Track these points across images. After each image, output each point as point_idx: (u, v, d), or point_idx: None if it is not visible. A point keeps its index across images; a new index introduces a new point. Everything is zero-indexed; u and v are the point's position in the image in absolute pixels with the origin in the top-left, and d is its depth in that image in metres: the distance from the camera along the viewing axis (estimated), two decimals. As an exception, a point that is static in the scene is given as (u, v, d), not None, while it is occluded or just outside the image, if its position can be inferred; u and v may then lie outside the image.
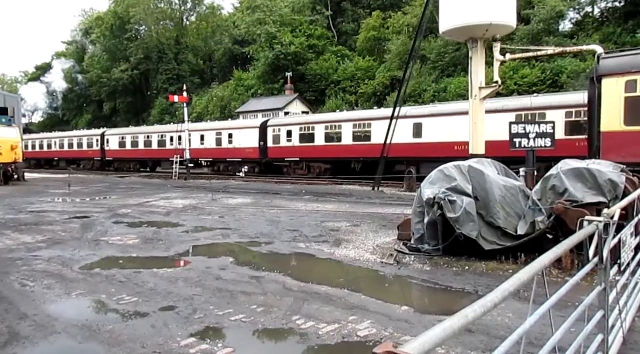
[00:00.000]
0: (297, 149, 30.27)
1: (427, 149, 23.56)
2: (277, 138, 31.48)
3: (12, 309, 5.92)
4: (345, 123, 28.07)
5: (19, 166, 28.34)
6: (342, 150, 27.89)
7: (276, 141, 31.51)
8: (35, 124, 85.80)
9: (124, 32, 62.02)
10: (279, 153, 31.19)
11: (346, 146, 27.78)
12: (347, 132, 27.87)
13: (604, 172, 7.35)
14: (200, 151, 35.58)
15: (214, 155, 35.14)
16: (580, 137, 18.06)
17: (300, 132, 30.32)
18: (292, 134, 30.70)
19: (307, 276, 7.40)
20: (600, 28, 32.20)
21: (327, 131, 28.89)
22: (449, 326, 1.57)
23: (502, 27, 13.42)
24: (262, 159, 32.55)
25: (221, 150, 34.62)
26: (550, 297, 2.54)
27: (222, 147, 34.65)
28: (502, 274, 7.28)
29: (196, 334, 5.05)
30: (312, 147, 29.36)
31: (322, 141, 29.00)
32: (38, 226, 12.44)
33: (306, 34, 48.23)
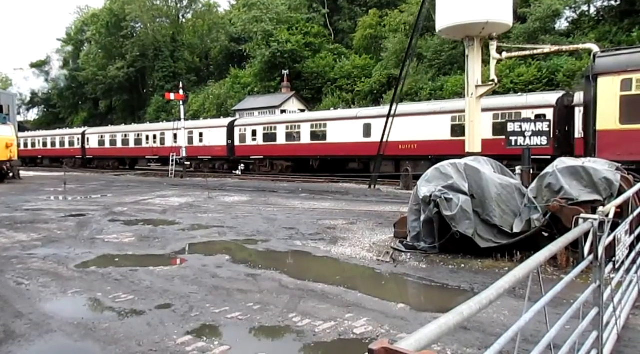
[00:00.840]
0: (261, 148, 31.76)
1: (376, 147, 23.96)
2: (243, 137, 32.93)
3: (8, 307, 5.90)
4: (303, 123, 29.66)
5: (14, 163, 28.17)
6: (301, 148, 29.41)
7: (242, 139, 32.93)
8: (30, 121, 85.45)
9: (119, 30, 61.76)
10: (245, 151, 32.62)
11: (304, 145, 29.30)
12: (305, 132, 29.43)
13: (599, 171, 7.37)
14: (174, 149, 36.74)
15: (187, 153, 35.79)
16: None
17: (264, 131, 31.81)
18: (256, 133, 32.11)
19: (304, 273, 7.40)
20: (596, 27, 32.29)
21: (288, 130, 30.40)
22: (445, 323, 1.58)
23: (499, 26, 13.45)
24: (229, 157, 33.93)
25: (193, 148, 35.59)
26: (545, 294, 2.55)
27: (193, 145, 35.72)
28: (498, 271, 7.31)
29: (192, 332, 5.05)
30: (274, 146, 30.83)
31: (283, 140, 30.50)
32: (33, 224, 12.40)
33: (303, 31, 48.15)
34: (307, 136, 29.32)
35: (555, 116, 19.94)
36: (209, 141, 34.94)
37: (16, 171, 28.78)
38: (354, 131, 26.37)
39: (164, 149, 37.46)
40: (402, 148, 24.36)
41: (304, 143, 29.32)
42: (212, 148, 34.65)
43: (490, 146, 19.39)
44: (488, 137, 20.53)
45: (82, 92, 69.60)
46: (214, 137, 34.67)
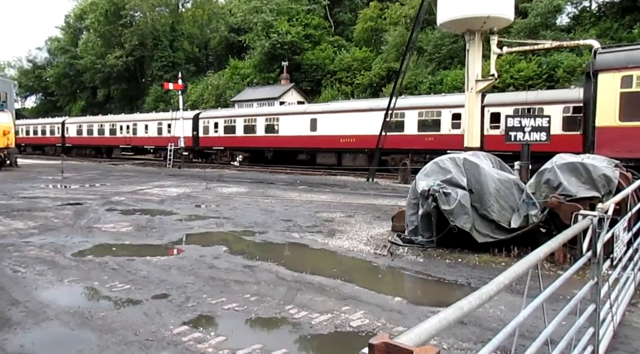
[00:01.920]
0: (222, 139, 33.66)
1: (320, 140, 27.52)
2: (206, 129, 34.82)
3: (4, 295, 5.89)
4: (259, 117, 31.73)
5: (11, 151, 28.08)
6: (257, 141, 31.53)
7: (206, 131, 34.81)
8: (28, 109, 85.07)
9: (118, 18, 61.26)
10: (208, 142, 34.49)
11: (260, 137, 31.39)
12: (260, 126, 31.52)
13: (598, 167, 7.37)
14: (145, 139, 39.15)
15: (157, 143, 37.88)
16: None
17: (224, 124, 33.68)
18: (218, 125, 34.09)
19: (301, 265, 7.40)
20: (597, 23, 32.20)
21: (246, 123, 32.39)
22: (444, 317, 1.57)
23: (500, 20, 13.40)
24: (195, 147, 35.69)
25: (162, 138, 37.27)
26: (544, 290, 2.54)
27: (162, 136, 37.48)
28: (495, 266, 7.33)
29: (189, 322, 5.05)
30: (233, 138, 32.79)
31: (241, 132, 32.50)
32: (30, 212, 12.37)
33: (303, 23, 47.91)
34: (262, 129, 31.34)
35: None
36: (177, 132, 35.81)
37: (13, 158, 28.67)
38: (302, 125, 28.65)
39: (136, 139, 39.80)
40: (343, 142, 26.69)
41: (260, 136, 31.33)
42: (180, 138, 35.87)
43: (414, 141, 23.77)
44: (414, 132, 24.00)
45: (80, 80, 69.16)
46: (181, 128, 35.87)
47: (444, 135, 22.98)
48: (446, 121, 23.19)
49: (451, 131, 22.75)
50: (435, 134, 23.45)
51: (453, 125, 22.84)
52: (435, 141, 23.18)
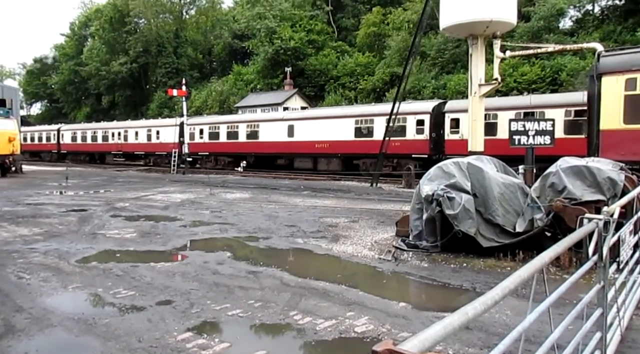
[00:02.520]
0: (207, 145, 35.14)
1: (297, 146, 29.09)
2: (192, 135, 36.11)
3: (8, 301, 5.89)
4: (241, 124, 33.26)
5: (16, 158, 28.19)
6: (239, 146, 33.00)
7: (192, 137, 36.04)
8: (33, 116, 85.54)
9: (123, 25, 61.67)
10: (194, 148, 35.28)
11: (242, 143, 32.89)
12: (242, 132, 33.00)
13: (603, 170, 7.33)
14: (135, 145, 40.92)
15: (146, 149, 39.97)
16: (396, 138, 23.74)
17: (209, 130, 35.23)
18: (203, 132, 35.57)
19: (305, 271, 7.38)
20: (601, 26, 32.14)
21: (229, 130, 33.92)
22: (449, 323, 1.55)
23: (503, 24, 13.40)
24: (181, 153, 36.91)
25: (151, 144, 39.43)
26: (550, 295, 2.52)
27: (152, 142, 39.45)
28: (500, 271, 7.28)
29: (193, 328, 5.04)
30: (217, 144, 34.26)
31: (225, 138, 34.02)
32: (35, 218, 12.40)
33: (306, 29, 48.04)
34: (244, 136, 32.84)
35: (431, 121, 23.80)
36: (164, 138, 37.94)
37: (19, 165, 28.79)
38: (280, 131, 30.22)
39: (127, 145, 41.59)
40: (317, 147, 28.10)
41: (242, 142, 32.82)
42: (167, 145, 37.27)
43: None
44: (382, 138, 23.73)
45: (85, 87, 69.57)
46: (169, 135, 37.45)
47: (409, 140, 24.48)
48: (411, 127, 24.51)
49: (415, 136, 24.32)
50: (401, 140, 24.42)
51: (417, 130, 24.31)
52: (402, 146, 24.41)
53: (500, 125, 20.92)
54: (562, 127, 19.31)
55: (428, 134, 23.92)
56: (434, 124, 23.79)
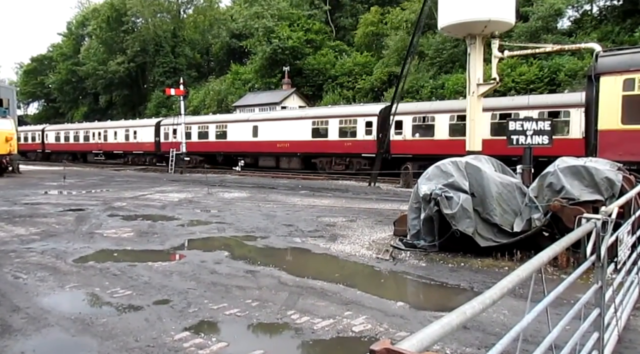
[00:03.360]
0: (179, 144, 35.60)
1: (261, 145, 31.04)
2: (167, 135, 38.11)
3: (5, 301, 5.87)
4: (211, 124, 35.15)
5: (13, 157, 28.11)
6: (209, 145, 34.78)
7: (166, 137, 38.05)
8: (30, 115, 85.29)
9: (120, 24, 61.51)
10: (168, 147, 36.72)
11: (212, 142, 34.67)
12: (212, 132, 34.90)
13: (601, 170, 7.34)
14: (114, 144, 42.80)
15: (125, 148, 41.87)
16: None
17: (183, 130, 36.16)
18: (176, 132, 36.70)
19: (303, 270, 7.37)
20: (599, 26, 32.20)
21: (200, 130, 35.77)
22: (447, 323, 1.54)
23: (501, 24, 13.37)
24: (157, 152, 39.10)
25: (129, 144, 41.39)
26: (547, 294, 2.51)
27: (129, 142, 41.41)
28: (498, 270, 7.29)
29: (190, 328, 5.03)
30: (190, 143, 35.35)
31: (196, 138, 35.64)
32: (32, 218, 12.37)
33: (304, 28, 48.01)
34: (213, 135, 34.69)
35: (378, 123, 25.41)
36: (141, 138, 40.02)
37: (16, 164, 28.72)
38: (246, 132, 32.09)
39: (107, 145, 43.56)
40: (279, 146, 29.91)
41: (211, 141, 34.71)
42: (144, 144, 39.80)
43: (336, 146, 27.11)
44: (336, 138, 27.25)
45: (82, 86, 69.38)
46: (145, 135, 39.75)
47: (359, 140, 26.19)
48: (361, 128, 26.18)
49: (365, 137, 26.02)
50: (352, 140, 26.45)
51: (366, 131, 26.04)
52: (353, 146, 26.36)
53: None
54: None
55: (375, 134, 25.49)
56: (381, 126, 25.14)
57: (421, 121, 24.11)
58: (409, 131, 24.32)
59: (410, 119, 24.10)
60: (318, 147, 27.82)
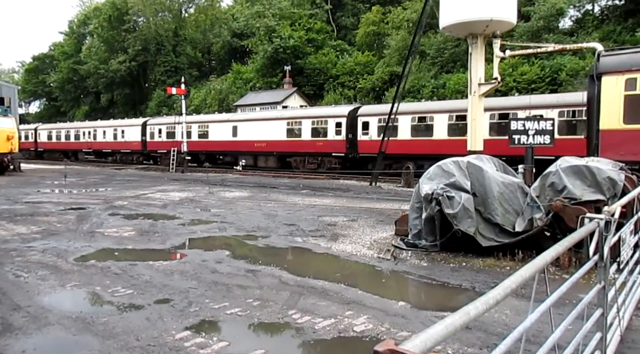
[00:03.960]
0: (164, 143, 37.99)
1: (240, 145, 32.67)
2: (152, 134, 39.68)
3: (6, 300, 5.87)
4: (194, 124, 36.53)
5: (14, 156, 28.12)
6: (192, 145, 35.64)
7: (152, 136, 39.65)
8: (32, 114, 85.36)
9: (121, 23, 61.55)
10: (153, 146, 39.24)
11: (195, 142, 35.97)
12: (194, 132, 36.41)
13: (603, 170, 7.32)
14: (103, 143, 44.38)
15: (113, 147, 43.48)
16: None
17: (166, 130, 38.24)
18: (162, 131, 38.63)
19: (304, 270, 7.36)
20: (600, 26, 32.17)
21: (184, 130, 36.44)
22: (451, 323, 1.53)
23: (503, 23, 13.36)
24: (143, 151, 40.56)
25: (117, 143, 42.84)
26: (551, 294, 2.50)
27: (117, 141, 42.87)
28: (499, 270, 7.28)
29: (191, 327, 5.02)
30: (174, 142, 36.37)
31: (180, 137, 35.97)
32: (33, 216, 12.37)
33: (305, 27, 48.01)
34: (196, 135, 36.15)
35: (347, 124, 27.07)
36: (128, 137, 41.60)
37: (17, 163, 28.73)
38: (226, 132, 33.69)
39: (96, 144, 45.19)
40: (257, 146, 31.46)
41: (194, 140, 36.09)
42: (131, 143, 41.27)
43: (309, 146, 28.60)
44: (308, 138, 28.84)
45: (83, 85, 69.44)
46: (132, 134, 41.23)
47: (330, 140, 27.78)
48: (331, 129, 27.73)
49: (335, 137, 27.59)
50: (323, 140, 28.08)
51: (336, 132, 27.55)
52: (324, 145, 27.88)
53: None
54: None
55: (345, 135, 27.11)
56: (350, 126, 26.93)
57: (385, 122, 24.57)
58: (375, 131, 25.72)
59: (376, 120, 25.90)
60: (292, 146, 29.35)
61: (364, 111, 27.00)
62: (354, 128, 26.80)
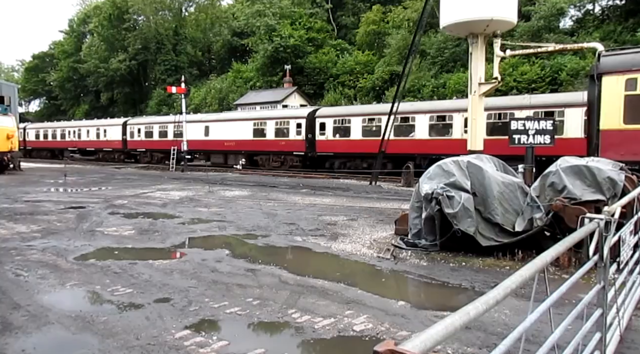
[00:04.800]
0: (143, 142, 40.29)
1: (211, 144, 34.66)
2: (132, 134, 41.48)
3: (5, 299, 5.87)
4: (169, 124, 38.16)
5: (14, 155, 28.09)
6: (168, 144, 36.99)
7: (132, 135, 41.43)
8: (32, 113, 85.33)
9: (122, 22, 61.50)
10: (134, 145, 41.12)
11: (170, 141, 37.01)
12: (170, 131, 37.67)
13: (603, 170, 7.32)
14: (87, 142, 46.28)
15: (96, 145, 45.48)
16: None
17: (145, 129, 40.32)
18: (140, 131, 40.56)
19: (303, 269, 7.37)
20: (601, 26, 32.15)
21: (160, 130, 39.22)
22: (450, 323, 1.53)
23: (503, 23, 13.34)
24: (124, 149, 42.24)
25: (100, 142, 44.83)
26: (551, 294, 2.50)
27: (100, 140, 44.84)
28: (499, 270, 7.28)
29: (191, 326, 5.02)
30: (151, 141, 39.42)
31: (157, 137, 39.27)
32: (33, 215, 12.37)
33: (305, 26, 47.99)
34: (171, 134, 37.81)
35: (306, 125, 29.13)
36: (111, 136, 43.45)
37: (17, 162, 28.70)
38: (199, 131, 35.48)
39: (80, 142, 46.99)
40: (226, 145, 33.32)
41: (170, 140, 37.48)
42: (113, 142, 43.19)
43: (272, 145, 30.71)
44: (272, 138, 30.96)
45: (83, 84, 69.39)
46: (113, 133, 43.12)
47: (291, 140, 30.01)
48: (293, 129, 29.85)
49: (295, 137, 29.70)
50: (286, 139, 30.25)
51: (297, 132, 29.64)
52: (286, 145, 30.09)
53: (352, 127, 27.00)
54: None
55: (304, 135, 29.19)
56: (309, 127, 29.03)
57: (340, 123, 27.79)
58: (331, 132, 27.95)
59: (332, 122, 27.98)
60: (258, 145, 31.58)
61: (321, 113, 29.27)
62: (312, 129, 28.88)
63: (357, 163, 26.56)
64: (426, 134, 24.08)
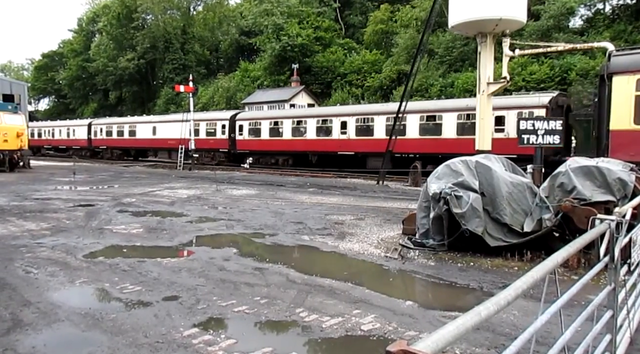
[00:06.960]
0: (104, 141, 45.23)
1: (158, 142, 39.12)
2: (95, 133, 46.42)
3: (16, 295, 5.92)
4: (125, 125, 43.02)
5: (24, 153, 28.32)
6: (124, 142, 42.82)
7: (95, 134, 46.43)
8: (41, 111, 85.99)
9: (130, 21, 61.86)
10: (97, 143, 46.20)
11: (126, 139, 42.42)
12: (125, 131, 42.50)
13: (613, 171, 7.26)
14: (59, 140, 51.24)
15: (67, 143, 50.27)
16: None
17: (106, 129, 45.08)
18: (102, 130, 45.46)
19: (311, 268, 7.37)
20: (611, 25, 31.89)
21: (118, 129, 43.55)
22: (462, 324, 1.53)
23: (512, 22, 13.29)
24: (89, 147, 47.13)
25: (70, 140, 49.92)
26: (561, 295, 2.49)
27: (70, 138, 49.91)
28: (507, 270, 7.24)
29: (199, 324, 5.04)
30: (110, 140, 44.37)
31: (115, 135, 43.79)
32: (42, 213, 12.46)
33: (313, 25, 48.00)
34: (127, 134, 42.48)
35: (229, 126, 33.74)
36: (77, 135, 48.56)
37: (26, 160, 28.94)
38: (148, 131, 39.98)
39: (54, 141, 51.77)
40: (170, 143, 36.55)
41: (126, 138, 42.63)
42: (79, 140, 48.33)
43: (204, 143, 34.71)
44: (204, 137, 35.25)
45: (92, 83, 69.87)
46: (80, 133, 48.24)
47: (218, 139, 34.60)
48: (219, 130, 34.52)
49: (221, 136, 34.34)
50: (214, 138, 34.86)
51: (222, 132, 34.33)
52: (214, 143, 34.74)
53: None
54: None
55: (227, 135, 33.92)
56: (231, 128, 33.79)
57: (254, 125, 32.59)
58: (246, 132, 32.88)
59: (247, 124, 33.01)
60: (199, 143, 34.73)
61: (240, 116, 34.13)
62: (233, 130, 33.64)
63: (267, 159, 31.74)
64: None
